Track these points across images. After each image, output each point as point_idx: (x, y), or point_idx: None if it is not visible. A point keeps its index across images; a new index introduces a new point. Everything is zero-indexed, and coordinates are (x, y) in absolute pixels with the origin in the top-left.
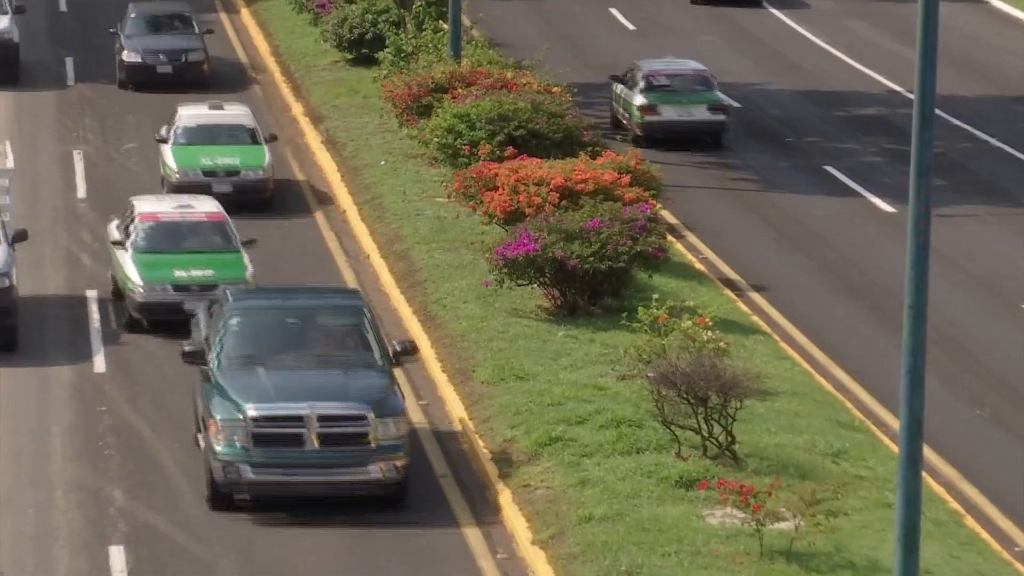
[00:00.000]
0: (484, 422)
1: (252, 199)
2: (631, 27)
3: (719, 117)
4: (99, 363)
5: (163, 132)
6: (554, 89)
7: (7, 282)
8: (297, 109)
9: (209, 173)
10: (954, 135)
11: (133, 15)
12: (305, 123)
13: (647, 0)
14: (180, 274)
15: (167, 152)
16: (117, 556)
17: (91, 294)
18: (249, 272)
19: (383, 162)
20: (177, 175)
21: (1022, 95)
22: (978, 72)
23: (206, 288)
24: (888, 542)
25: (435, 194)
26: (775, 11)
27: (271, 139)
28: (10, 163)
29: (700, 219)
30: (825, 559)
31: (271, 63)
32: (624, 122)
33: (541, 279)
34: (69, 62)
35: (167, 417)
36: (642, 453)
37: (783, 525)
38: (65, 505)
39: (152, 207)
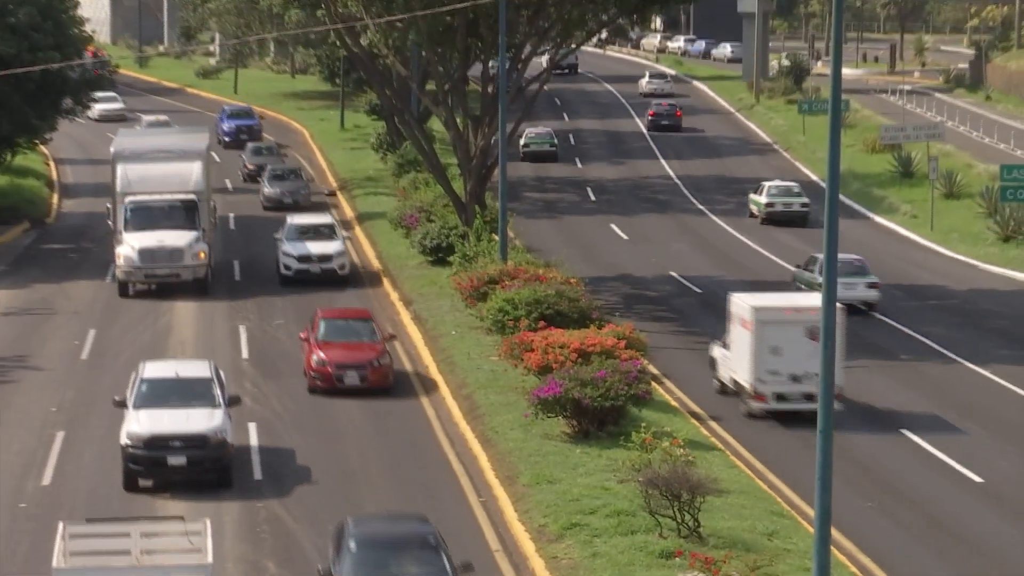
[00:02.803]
0: (525, 513)
1: None
2: (625, 237)
3: (554, 148)
4: (256, 472)
5: None
6: (572, 280)
7: None
8: (394, 296)
9: None
10: (851, 311)
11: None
12: (400, 305)
13: (637, 219)
14: None
15: None
16: None
17: (251, 425)
18: None
19: (454, 332)
20: None
21: (896, 284)
22: None
23: None
24: None
25: (490, 354)
26: (726, 226)
27: None
28: (210, 556)
29: (674, 370)
30: None
31: (375, 264)
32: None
33: (564, 413)
34: (236, 264)
35: (305, 509)
36: (635, 534)
37: None
38: (233, 572)
39: None
